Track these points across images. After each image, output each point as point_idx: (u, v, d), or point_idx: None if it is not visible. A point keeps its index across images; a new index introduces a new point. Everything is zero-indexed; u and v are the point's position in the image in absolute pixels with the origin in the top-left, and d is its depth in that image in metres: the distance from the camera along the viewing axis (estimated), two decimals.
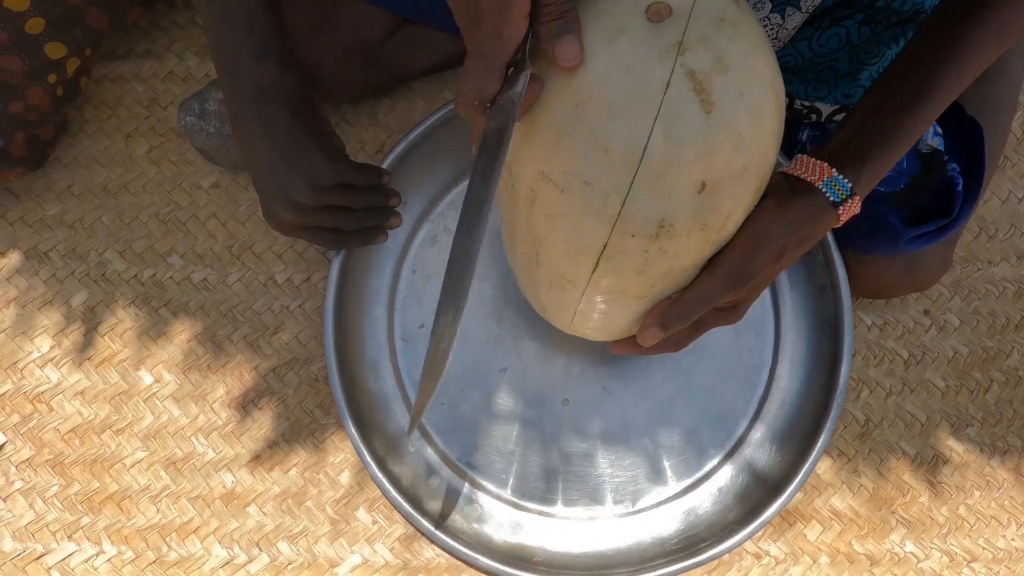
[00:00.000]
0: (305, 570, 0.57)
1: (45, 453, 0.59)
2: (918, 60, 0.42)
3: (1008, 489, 0.60)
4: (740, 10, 0.35)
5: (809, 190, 0.41)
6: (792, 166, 0.42)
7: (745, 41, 0.34)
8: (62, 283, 0.62)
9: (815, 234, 0.42)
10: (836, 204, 0.41)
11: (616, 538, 0.55)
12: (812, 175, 0.41)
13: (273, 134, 0.47)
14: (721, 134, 0.33)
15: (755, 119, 0.34)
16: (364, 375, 0.57)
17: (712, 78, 0.32)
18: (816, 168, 0.41)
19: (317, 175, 0.49)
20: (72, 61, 0.57)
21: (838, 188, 0.41)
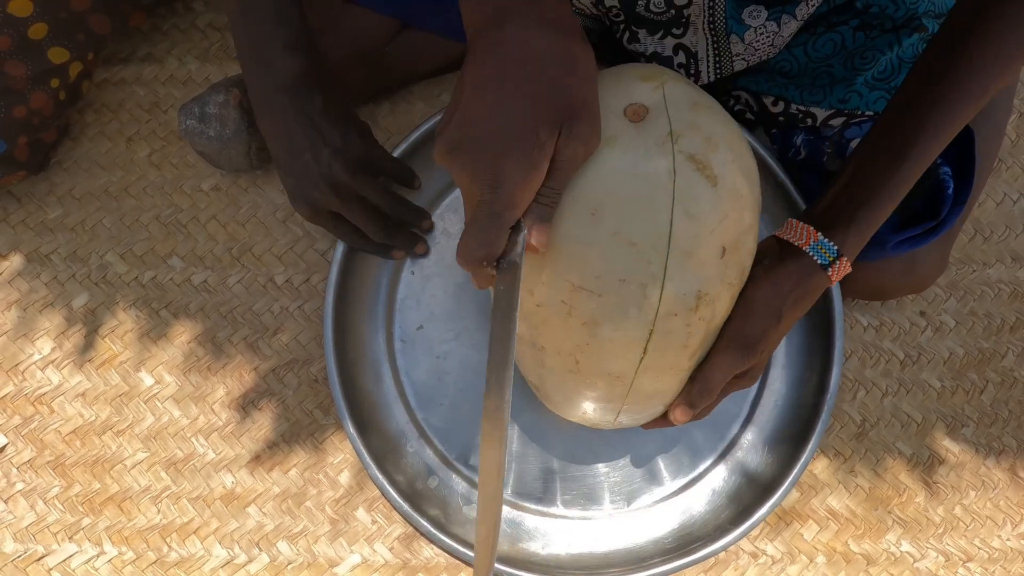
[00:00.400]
0: (305, 570, 0.57)
1: (46, 455, 0.59)
2: (902, 112, 0.43)
3: (1003, 489, 0.60)
4: (699, 90, 0.39)
5: (797, 254, 0.43)
6: (783, 230, 0.44)
7: (718, 115, 0.38)
8: (63, 285, 0.63)
9: (808, 294, 0.43)
10: (825, 266, 0.42)
11: (613, 538, 0.55)
12: (799, 239, 0.43)
13: (310, 117, 0.49)
14: (729, 200, 0.37)
15: (748, 176, 0.38)
16: (363, 376, 0.57)
17: (709, 155, 0.36)
18: (803, 232, 0.43)
19: (352, 147, 0.50)
20: (75, 65, 0.58)
21: (824, 251, 0.43)
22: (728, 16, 0.52)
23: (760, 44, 0.53)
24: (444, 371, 0.58)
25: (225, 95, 0.57)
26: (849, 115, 0.54)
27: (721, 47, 0.55)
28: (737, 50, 0.54)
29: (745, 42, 0.53)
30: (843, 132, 0.55)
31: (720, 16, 0.52)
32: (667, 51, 0.57)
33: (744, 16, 0.52)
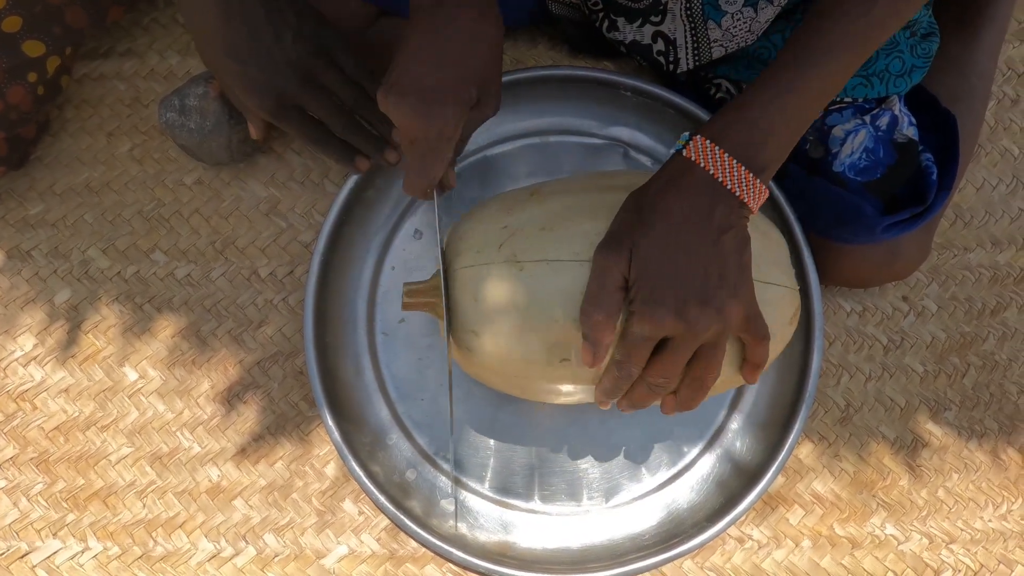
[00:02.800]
0: (292, 562, 0.57)
1: (29, 451, 0.59)
2: (795, 35, 0.42)
3: (985, 471, 0.61)
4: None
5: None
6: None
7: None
8: (45, 281, 0.62)
9: (672, 180, 0.40)
10: (680, 151, 0.41)
11: (597, 532, 0.55)
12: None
13: (267, 1, 0.46)
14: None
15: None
16: (344, 369, 0.57)
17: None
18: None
19: (311, 31, 0.48)
20: (52, 60, 0.57)
21: (681, 141, 0.41)
22: (705, 2, 0.52)
23: (737, 30, 0.53)
24: (425, 365, 0.58)
25: (205, 87, 0.57)
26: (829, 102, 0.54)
27: (699, 34, 0.55)
28: (715, 36, 0.54)
29: (722, 28, 0.53)
30: (824, 119, 0.55)
31: (697, 2, 0.52)
32: (646, 39, 0.58)
33: (720, 2, 0.52)
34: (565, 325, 0.42)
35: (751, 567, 0.58)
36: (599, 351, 0.39)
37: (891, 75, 0.53)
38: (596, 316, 0.39)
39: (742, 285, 0.40)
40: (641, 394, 0.41)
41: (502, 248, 0.44)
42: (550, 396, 0.48)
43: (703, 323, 0.38)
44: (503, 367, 0.45)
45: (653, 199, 0.40)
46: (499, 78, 0.46)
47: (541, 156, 0.61)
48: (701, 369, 0.41)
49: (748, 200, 0.40)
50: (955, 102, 0.59)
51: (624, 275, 0.39)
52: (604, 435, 0.57)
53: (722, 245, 0.39)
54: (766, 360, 0.43)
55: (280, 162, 0.64)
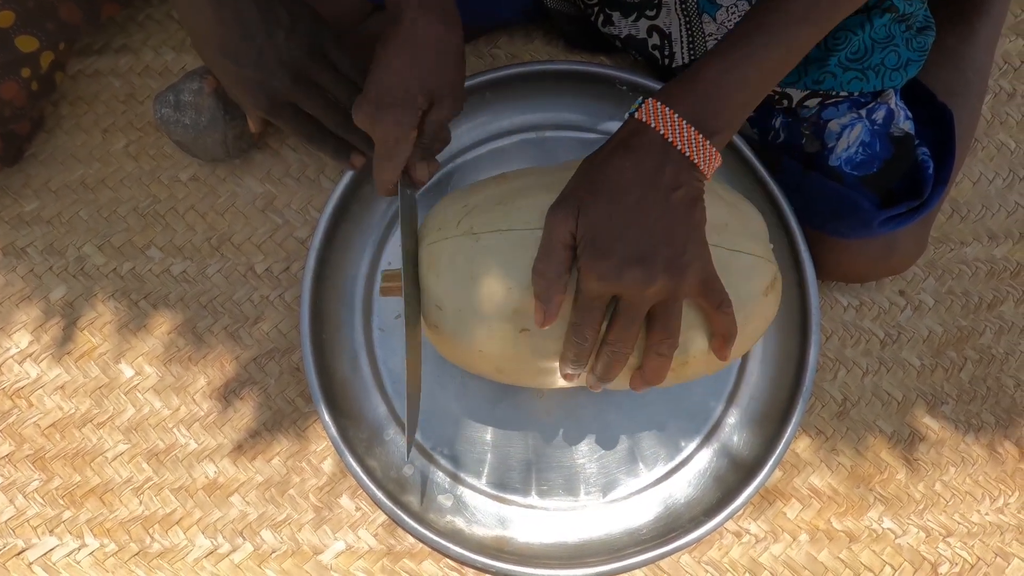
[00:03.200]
0: (289, 558, 0.57)
1: (25, 448, 0.59)
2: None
3: (982, 465, 0.61)
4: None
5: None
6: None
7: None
8: (40, 278, 0.62)
9: (623, 142, 0.40)
10: (632, 114, 0.41)
11: (594, 526, 0.55)
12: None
13: (239, 3, 0.47)
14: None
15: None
16: (341, 364, 0.57)
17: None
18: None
19: (304, 30, 0.49)
20: (46, 55, 0.57)
21: (635, 106, 0.42)
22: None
23: (732, 24, 0.53)
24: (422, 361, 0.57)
25: (199, 82, 0.57)
26: (824, 96, 0.54)
27: (694, 27, 0.55)
28: (710, 30, 0.54)
29: (717, 22, 0.53)
30: (820, 113, 0.55)
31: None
32: (641, 33, 0.58)
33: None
34: (521, 293, 0.42)
35: (748, 561, 0.58)
36: (549, 307, 0.40)
37: (887, 69, 0.53)
38: (545, 271, 0.40)
39: (692, 243, 0.40)
40: (603, 364, 0.42)
41: (460, 223, 0.45)
42: (522, 375, 0.47)
43: (648, 278, 0.38)
44: (469, 342, 0.45)
45: (603, 160, 0.41)
46: (459, 80, 0.49)
47: (537, 151, 0.61)
48: (657, 335, 0.41)
49: (699, 162, 0.40)
50: (951, 96, 0.59)
51: (572, 232, 0.40)
52: (600, 430, 0.57)
53: (671, 204, 0.39)
54: (732, 331, 0.42)
55: (276, 158, 0.64)
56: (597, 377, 0.43)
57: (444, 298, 0.45)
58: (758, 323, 0.46)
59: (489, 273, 0.43)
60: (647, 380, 0.43)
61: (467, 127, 0.61)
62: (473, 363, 0.48)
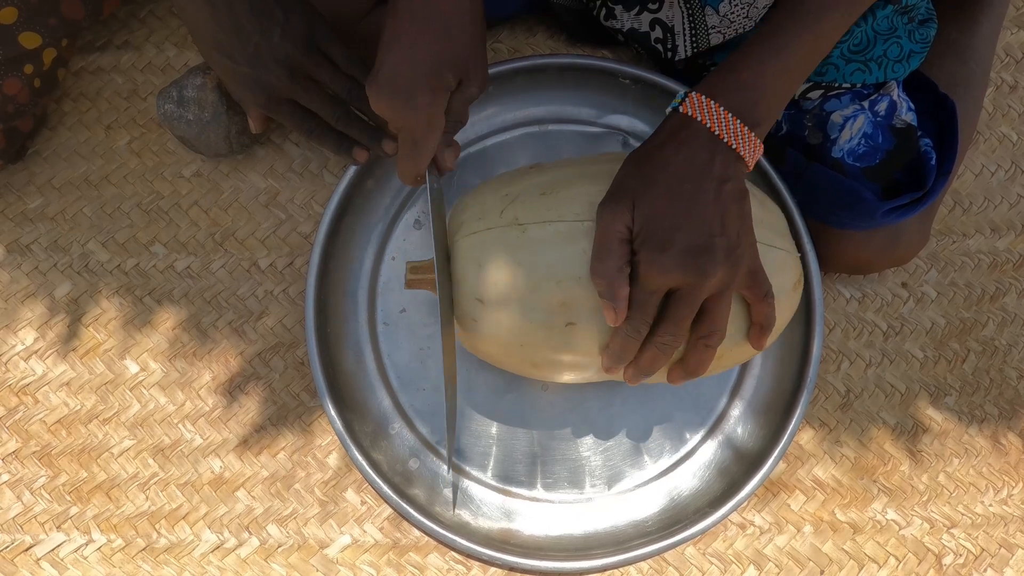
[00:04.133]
0: (295, 552, 0.57)
1: (31, 445, 0.59)
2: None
3: (986, 456, 0.61)
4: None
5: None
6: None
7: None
8: (45, 275, 0.62)
9: (672, 136, 0.41)
10: (676, 108, 0.41)
11: (600, 519, 0.55)
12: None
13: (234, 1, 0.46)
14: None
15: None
16: (346, 359, 0.57)
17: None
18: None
19: (299, 25, 0.48)
20: (48, 52, 0.57)
21: (677, 100, 0.42)
22: None
23: (735, 16, 0.53)
24: (427, 354, 0.58)
25: (202, 78, 0.57)
26: (827, 87, 0.54)
27: (697, 20, 0.55)
28: (713, 23, 0.54)
29: (720, 14, 0.53)
30: (822, 105, 0.55)
31: None
32: (643, 26, 0.58)
33: None
34: (570, 285, 0.42)
35: (753, 553, 0.58)
36: (618, 304, 0.39)
37: (889, 60, 0.53)
38: (605, 269, 0.40)
39: (744, 234, 0.40)
40: (649, 357, 0.41)
41: (504, 213, 0.44)
42: (556, 369, 0.47)
43: (708, 270, 0.38)
44: (509, 336, 0.44)
45: (652, 154, 0.41)
46: (482, 57, 0.45)
47: (540, 145, 0.61)
48: (707, 327, 0.41)
49: (744, 154, 0.40)
50: (953, 88, 0.59)
51: (628, 226, 0.39)
52: (605, 422, 0.57)
53: (722, 195, 0.39)
54: (772, 322, 0.43)
55: (279, 153, 0.64)
56: (640, 370, 0.42)
57: (487, 291, 0.44)
58: (785, 317, 0.47)
59: (538, 265, 0.42)
60: (690, 372, 0.42)
61: (470, 121, 0.61)
62: (506, 357, 0.47)
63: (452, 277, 0.46)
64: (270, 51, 0.48)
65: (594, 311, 0.42)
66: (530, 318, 0.43)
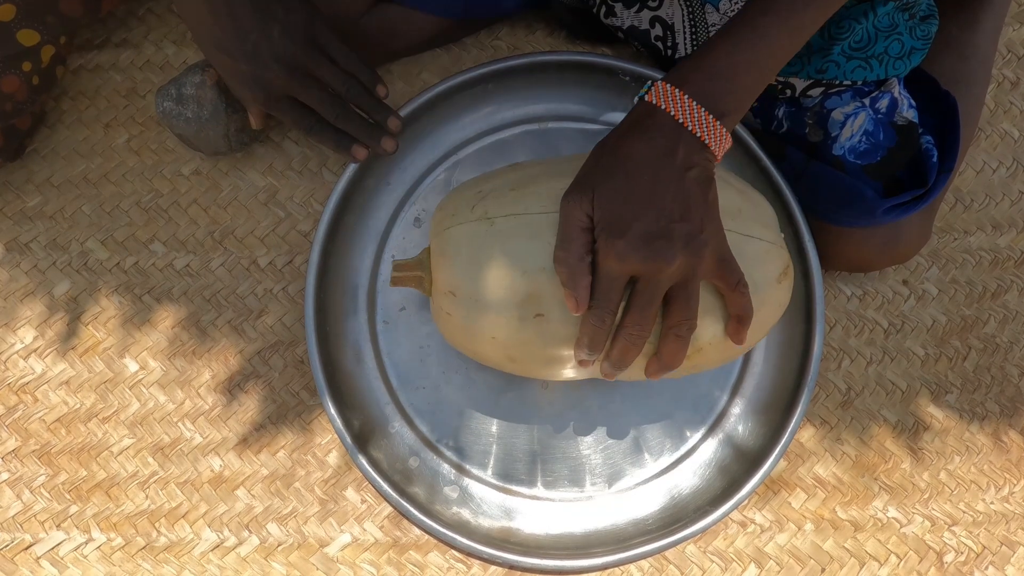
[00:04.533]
0: (295, 551, 0.57)
1: (31, 444, 0.59)
2: None
3: (987, 454, 0.61)
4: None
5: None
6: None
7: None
8: (44, 274, 0.62)
9: (636, 124, 0.41)
10: (643, 97, 0.41)
11: (600, 517, 0.55)
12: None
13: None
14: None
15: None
16: (345, 357, 0.57)
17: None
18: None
19: (299, 22, 0.48)
20: (47, 49, 0.57)
21: (644, 90, 0.42)
22: None
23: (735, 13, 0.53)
24: (427, 353, 0.58)
25: (201, 75, 0.57)
26: (828, 85, 0.54)
27: (697, 18, 0.55)
28: (713, 20, 0.54)
29: (720, 11, 0.53)
30: (823, 103, 0.55)
31: None
32: (643, 24, 0.58)
33: None
34: (536, 276, 0.42)
35: (754, 551, 0.58)
36: (579, 293, 0.40)
37: (890, 57, 0.53)
38: (567, 258, 0.40)
39: (708, 221, 0.40)
40: (620, 348, 0.41)
41: (475, 208, 0.45)
42: (534, 363, 0.47)
43: (666, 255, 0.38)
44: (482, 329, 0.45)
45: (615, 143, 0.41)
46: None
47: (540, 143, 0.61)
48: (675, 316, 0.40)
49: (711, 143, 0.40)
50: (955, 84, 0.59)
51: (588, 215, 0.40)
52: (605, 420, 0.57)
53: (685, 183, 0.39)
54: (749, 312, 0.42)
55: (278, 151, 0.64)
56: (612, 364, 0.42)
57: (458, 283, 0.45)
58: (772, 310, 0.46)
59: (503, 257, 0.43)
60: (665, 364, 0.42)
61: (470, 119, 0.61)
62: (485, 352, 0.48)
63: (431, 272, 0.47)
64: (269, 48, 0.48)
65: (562, 302, 0.42)
66: (500, 310, 0.44)
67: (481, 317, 0.44)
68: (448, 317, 0.46)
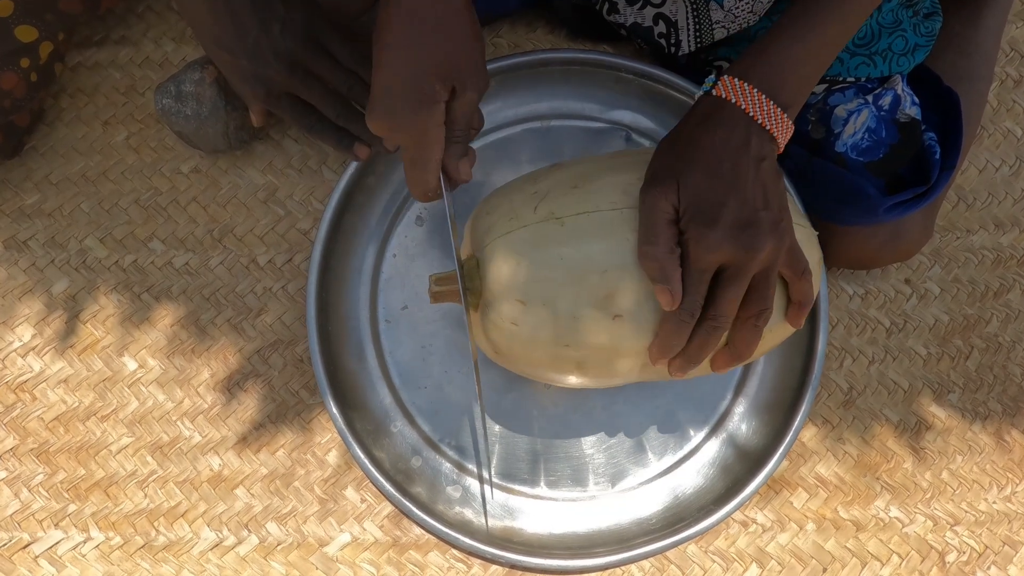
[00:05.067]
0: (295, 550, 0.57)
1: (29, 442, 0.59)
2: None
3: (989, 453, 0.61)
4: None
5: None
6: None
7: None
8: (42, 271, 0.62)
9: (706, 118, 0.41)
10: (708, 91, 0.42)
11: (604, 516, 0.55)
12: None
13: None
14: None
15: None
16: (347, 356, 0.57)
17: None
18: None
19: (298, 20, 0.48)
20: (45, 46, 0.56)
21: (708, 84, 0.42)
22: None
23: (740, 11, 0.53)
24: (429, 352, 0.57)
25: (200, 72, 0.57)
26: (831, 81, 0.54)
27: (701, 15, 0.54)
28: (717, 18, 0.54)
29: (725, 9, 0.53)
30: (826, 99, 0.55)
31: None
32: (647, 21, 0.57)
33: None
34: (614, 275, 0.41)
35: (755, 551, 0.58)
36: (674, 286, 0.39)
37: (894, 54, 0.53)
38: (655, 252, 0.39)
39: (784, 210, 0.41)
40: (699, 342, 0.40)
41: (537, 210, 0.43)
42: (606, 368, 0.44)
43: (758, 243, 0.38)
44: (555, 336, 0.42)
45: (688, 136, 0.41)
46: (478, 58, 0.43)
47: (543, 141, 0.61)
48: (757, 305, 0.40)
49: (777, 135, 0.41)
50: (958, 82, 0.58)
51: (674, 206, 0.39)
52: (609, 420, 0.57)
53: (761, 172, 0.40)
54: (811, 299, 0.43)
55: (277, 149, 0.64)
56: (688, 358, 0.41)
57: (529, 290, 0.42)
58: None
59: (582, 257, 0.41)
60: (738, 355, 0.42)
61: None
62: (551, 362, 0.44)
63: (484, 282, 0.44)
64: (269, 45, 0.47)
65: (641, 301, 0.41)
66: (578, 314, 0.41)
67: (555, 324, 0.42)
68: (513, 328, 0.43)
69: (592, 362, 0.44)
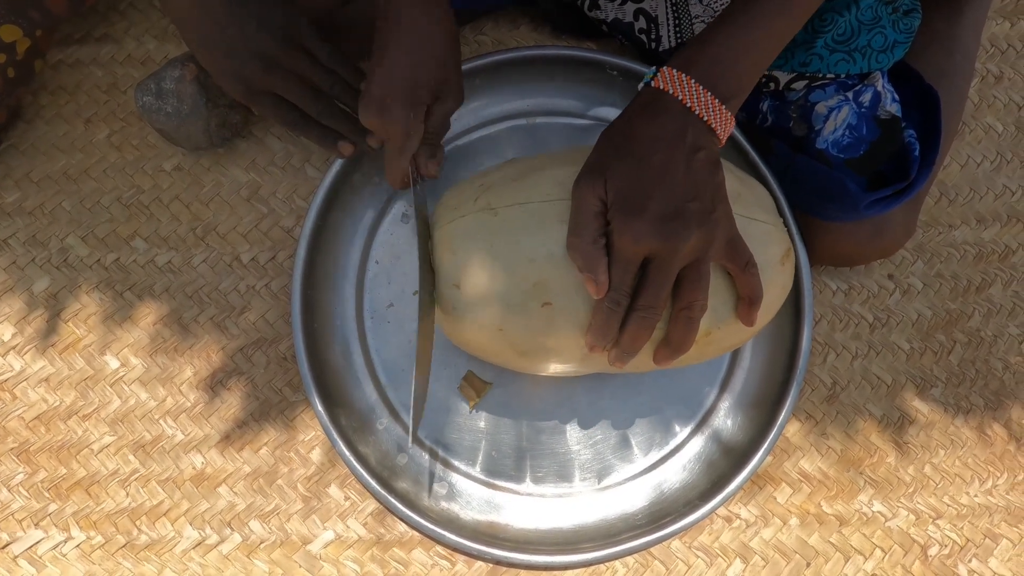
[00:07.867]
0: (278, 548, 0.56)
1: (9, 441, 0.58)
2: None
3: (971, 447, 0.61)
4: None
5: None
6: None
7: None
8: (23, 270, 0.61)
9: (643, 108, 0.41)
10: (648, 83, 0.42)
11: (589, 512, 0.55)
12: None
13: None
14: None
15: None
16: (332, 353, 0.56)
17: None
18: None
19: (276, 18, 0.49)
20: (22, 42, 0.56)
21: (648, 75, 0.43)
22: None
23: (719, 6, 0.53)
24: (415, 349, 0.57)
25: (181, 70, 0.56)
26: (811, 78, 0.54)
27: (680, 10, 0.55)
28: (696, 12, 0.54)
29: (704, 4, 0.53)
30: (807, 96, 0.55)
31: None
32: (627, 17, 0.57)
33: None
34: (543, 264, 0.42)
35: (739, 546, 0.58)
36: (599, 276, 0.39)
37: (873, 51, 0.53)
38: (581, 243, 0.40)
39: (719, 202, 0.41)
40: (631, 332, 0.41)
41: (477, 201, 0.45)
42: (541, 356, 0.46)
43: (682, 234, 0.39)
44: (489, 320, 0.44)
45: (623, 127, 0.41)
46: (457, 74, 0.50)
47: (527, 138, 0.61)
48: (687, 297, 0.40)
49: (716, 126, 0.41)
50: (939, 78, 0.59)
51: (601, 199, 0.40)
52: (594, 416, 0.57)
53: (694, 164, 0.40)
54: (759, 294, 0.42)
55: (260, 147, 0.64)
56: (622, 349, 0.42)
57: (463, 275, 0.44)
58: (776, 292, 0.46)
59: (509, 246, 0.43)
60: (675, 348, 0.42)
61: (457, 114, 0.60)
62: (491, 346, 0.47)
63: (433, 267, 0.47)
64: (244, 43, 0.48)
65: (570, 290, 0.42)
66: (507, 300, 0.43)
67: (488, 308, 0.44)
68: (452, 312, 0.46)
69: (532, 349, 0.45)
